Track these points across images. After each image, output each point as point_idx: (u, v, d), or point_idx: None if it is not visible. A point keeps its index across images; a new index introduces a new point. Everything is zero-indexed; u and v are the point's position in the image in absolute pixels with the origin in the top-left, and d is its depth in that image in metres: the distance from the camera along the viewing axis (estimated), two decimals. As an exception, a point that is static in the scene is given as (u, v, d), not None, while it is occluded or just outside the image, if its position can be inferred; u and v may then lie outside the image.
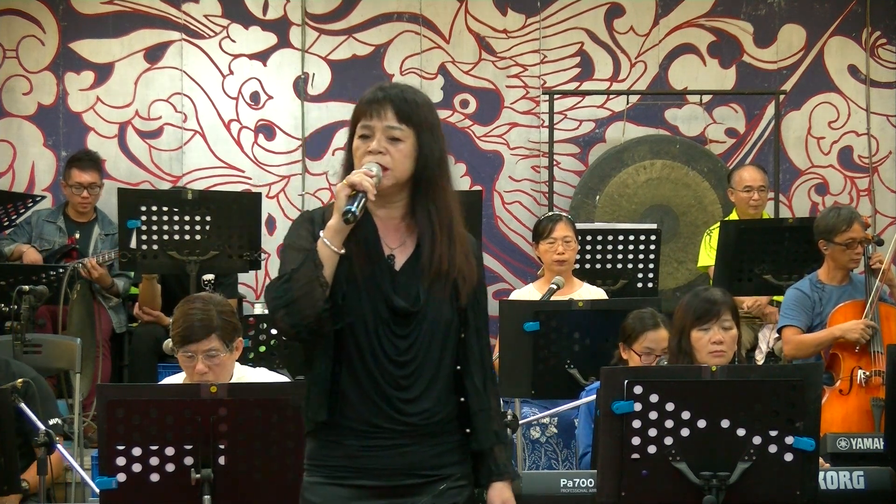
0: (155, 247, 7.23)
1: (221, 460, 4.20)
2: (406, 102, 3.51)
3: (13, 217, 8.15)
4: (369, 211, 3.51)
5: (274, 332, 5.98)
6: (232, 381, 4.80)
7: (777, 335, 7.13)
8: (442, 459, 3.53)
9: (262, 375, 4.94)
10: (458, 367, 3.55)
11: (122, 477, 4.21)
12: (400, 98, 3.51)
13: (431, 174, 3.54)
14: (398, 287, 3.49)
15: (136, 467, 4.21)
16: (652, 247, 7.49)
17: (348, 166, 3.52)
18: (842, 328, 6.69)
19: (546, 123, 9.07)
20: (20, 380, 5.21)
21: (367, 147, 3.48)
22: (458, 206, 3.58)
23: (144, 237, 7.21)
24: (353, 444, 3.48)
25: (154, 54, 9.10)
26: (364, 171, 3.43)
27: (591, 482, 4.65)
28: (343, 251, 3.43)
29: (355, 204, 3.39)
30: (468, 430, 3.56)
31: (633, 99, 9.20)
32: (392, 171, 3.48)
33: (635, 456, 4.18)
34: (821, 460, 4.62)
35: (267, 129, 9.19)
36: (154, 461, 4.20)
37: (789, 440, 4.18)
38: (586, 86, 9.23)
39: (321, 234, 3.43)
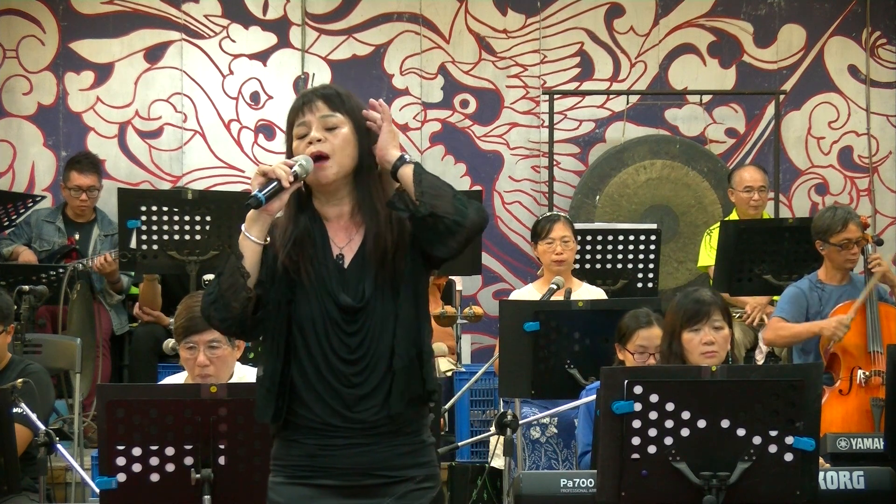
0: (155, 247, 7.23)
1: (221, 460, 4.21)
2: (335, 93, 3.55)
3: (13, 217, 8.15)
4: (319, 214, 3.53)
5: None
6: (233, 380, 4.81)
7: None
8: (403, 461, 3.52)
9: (263, 376, 4.93)
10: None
11: (122, 477, 4.22)
12: (327, 91, 3.55)
13: (372, 160, 3.53)
14: (346, 285, 3.50)
15: (136, 467, 4.21)
16: (652, 247, 7.49)
17: None
18: (819, 324, 6.72)
19: (546, 123, 9.07)
20: (20, 380, 5.22)
21: (307, 141, 3.50)
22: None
23: (144, 237, 7.21)
24: (311, 443, 3.49)
25: (154, 54, 9.10)
26: (285, 160, 3.45)
27: (591, 482, 4.65)
28: (266, 241, 3.44)
29: (264, 190, 3.38)
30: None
31: (633, 99, 9.21)
32: (334, 157, 3.48)
33: (635, 456, 4.18)
34: (821, 460, 4.62)
35: (267, 130, 9.19)
36: (154, 461, 4.21)
37: (789, 440, 4.18)
38: (586, 86, 9.23)
39: (242, 226, 3.45)
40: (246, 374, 4.91)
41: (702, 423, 4.17)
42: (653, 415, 4.17)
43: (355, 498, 3.49)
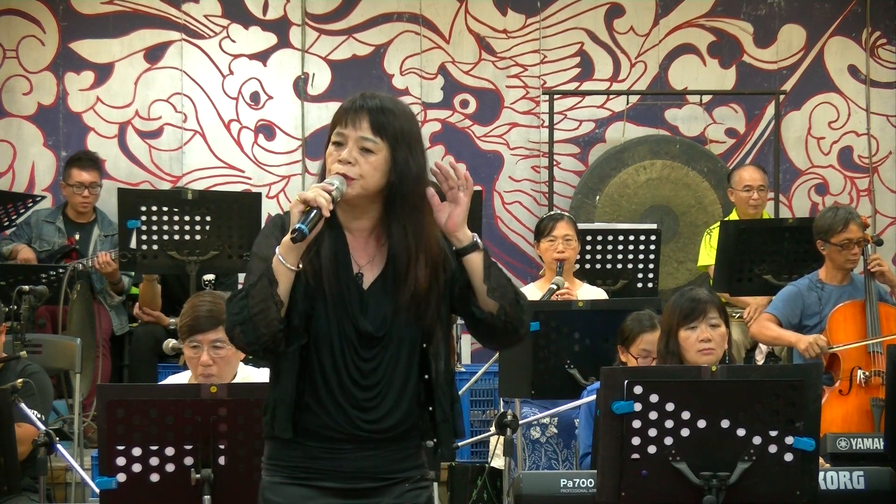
0: (155, 247, 7.23)
1: (221, 460, 4.21)
2: (384, 114, 3.42)
3: (13, 217, 8.15)
4: (340, 224, 3.46)
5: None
6: (237, 380, 4.82)
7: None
8: (403, 463, 3.52)
9: (267, 375, 4.93)
10: (427, 377, 3.50)
11: (122, 477, 4.22)
12: (378, 109, 3.42)
13: (407, 190, 3.43)
14: (366, 308, 3.44)
15: (136, 467, 4.22)
16: (652, 247, 7.49)
17: (324, 171, 3.46)
18: (797, 337, 6.76)
19: (546, 123, 9.07)
20: (20, 380, 5.23)
21: (339, 155, 3.42)
22: (434, 226, 3.47)
23: (144, 237, 7.21)
24: (313, 445, 3.46)
25: (154, 54, 9.10)
26: (323, 185, 3.36)
27: (591, 482, 4.65)
28: (299, 268, 3.36)
29: (307, 220, 3.30)
30: (435, 440, 3.52)
31: (633, 99, 9.20)
32: (358, 181, 3.40)
33: (635, 456, 4.18)
34: (821, 460, 4.62)
35: (267, 130, 9.19)
36: (154, 461, 4.21)
37: (789, 440, 4.18)
38: (586, 86, 9.23)
39: (276, 249, 3.36)
40: (250, 373, 4.91)
41: (702, 424, 4.17)
42: (653, 415, 4.17)
43: (355, 499, 3.49)
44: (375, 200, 3.46)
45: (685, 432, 4.17)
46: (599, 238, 7.46)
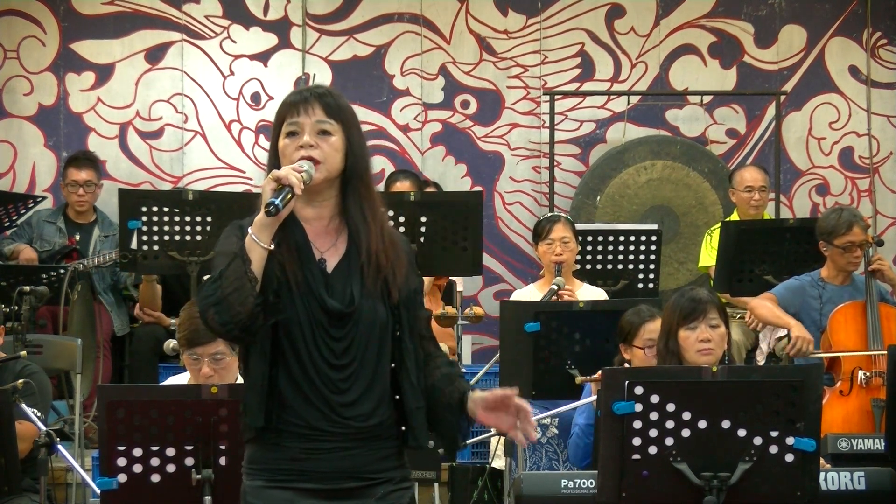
0: (156, 247, 7.22)
1: (222, 461, 4.22)
2: (332, 98, 3.54)
3: (14, 218, 8.16)
4: (298, 216, 3.50)
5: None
6: (237, 382, 4.81)
7: (779, 337, 7.14)
8: (383, 464, 3.52)
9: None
10: (393, 365, 3.53)
11: (122, 477, 4.23)
12: (326, 94, 3.54)
13: (361, 170, 3.53)
14: (332, 289, 3.48)
15: (137, 468, 4.22)
16: (653, 247, 7.48)
17: (274, 168, 3.51)
18: (796, 323, 6.72)
19: (547, 124, 9.07)
20: (20, 380, 5.23)
21: (298, 143, 3.49)
22: (382, 205, 3.59)
23: (145, 238, 7.21)
24: (293, 446, 3.46)
25: (155, 55, 9.11)
26: (294, 166, 3.43)
27: (591, 482, 4.66)
28: (272, 247, 3.41)
29: (280, 197, 3.37)
30: (403, 428, 3.54)
31: (634, 99, 9.20)
32: (324, 164, 3.47)
33: (636, 456, 4.19)
34: (821, 461, 4.62)
35: (268, 130, 9.15)
36: (155, 462, 4.22)
37: (790, 441, 4.19)
38: (587, 86, 9.24)
39: (249, 230, 3.42)
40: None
41: (702, 424, 4.18)
42: (653, 415, 4.17)
43: (336, 500, 3.48)
44: (333, 185, 3.53)
45: (686, 433, 4.18)
46: (600, 238, 7.46)
